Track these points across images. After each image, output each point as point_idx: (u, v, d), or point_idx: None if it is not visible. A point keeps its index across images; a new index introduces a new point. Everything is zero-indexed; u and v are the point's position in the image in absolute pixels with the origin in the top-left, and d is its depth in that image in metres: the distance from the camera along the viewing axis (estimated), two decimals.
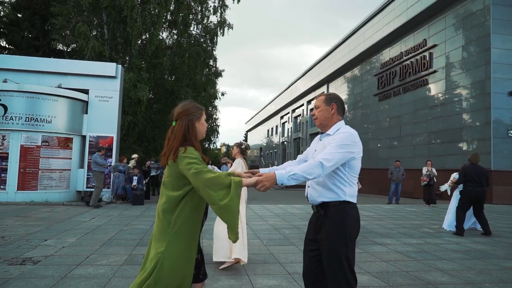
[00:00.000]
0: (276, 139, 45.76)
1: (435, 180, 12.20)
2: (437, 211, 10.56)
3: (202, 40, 22.67)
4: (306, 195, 2.30)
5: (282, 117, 42.82)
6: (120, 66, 11.97)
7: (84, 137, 11.39)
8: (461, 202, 6.95)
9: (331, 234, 2.11)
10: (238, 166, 4.50)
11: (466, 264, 4.69)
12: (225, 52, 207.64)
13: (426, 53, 16.88)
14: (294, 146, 37.30)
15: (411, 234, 6.77)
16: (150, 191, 13.43)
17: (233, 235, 1.87)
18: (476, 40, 14.21)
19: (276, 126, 45.97)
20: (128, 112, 16.05)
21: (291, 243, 5.70)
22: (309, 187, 2.26)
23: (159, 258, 1.86)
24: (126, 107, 15.77)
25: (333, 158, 2.02)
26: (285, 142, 40.48)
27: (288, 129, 39.81)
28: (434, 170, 12.28)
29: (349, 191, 2.15)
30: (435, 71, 16.36)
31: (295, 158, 2.58)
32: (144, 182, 11.66)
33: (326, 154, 2.04)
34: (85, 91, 11.41)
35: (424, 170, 12.30)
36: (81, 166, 11.27)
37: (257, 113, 58.66)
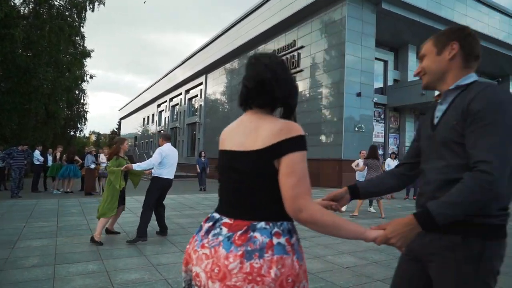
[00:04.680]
0: (152, 128, 43.83)
1: None
2: None
3: (67, 13, 20.04)
4: None
5: (159, 105, 41.30)
6: None
7: None
8: None
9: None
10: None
11: (316, 241, 5.34)
12: (99, 32, 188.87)
13: (295, 53, 18.48)
14: (171, 136, 36.41)
15: None
16: None
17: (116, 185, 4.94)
18: (335, 45, 16.21)
19: (153, 115, 43.97)
20: None
21: (154, 234, 5.56)
22: None
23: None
24: None
25: None
26: (162, 131, 39.18)
27: (165, 118, 38.71)
28: None
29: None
30: (302, 70, 18.06)
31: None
32: None
33: None
34: None
35: None
36: None
37: (132, 100, 55.31)
